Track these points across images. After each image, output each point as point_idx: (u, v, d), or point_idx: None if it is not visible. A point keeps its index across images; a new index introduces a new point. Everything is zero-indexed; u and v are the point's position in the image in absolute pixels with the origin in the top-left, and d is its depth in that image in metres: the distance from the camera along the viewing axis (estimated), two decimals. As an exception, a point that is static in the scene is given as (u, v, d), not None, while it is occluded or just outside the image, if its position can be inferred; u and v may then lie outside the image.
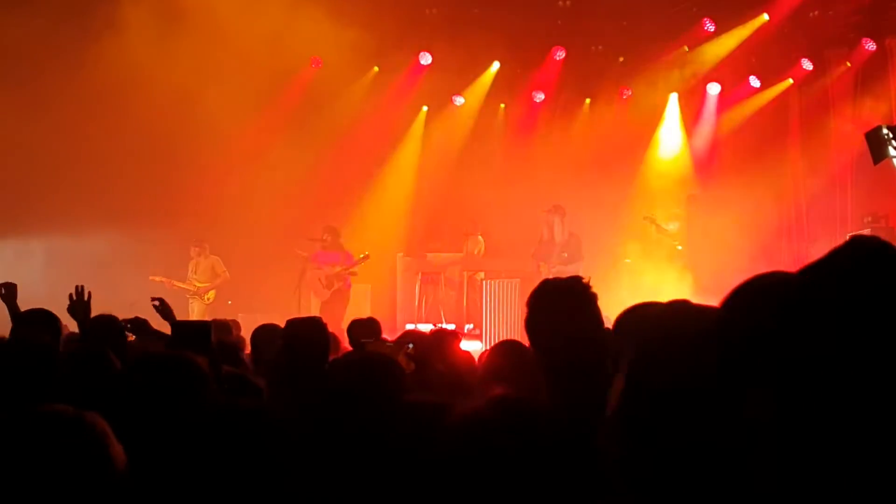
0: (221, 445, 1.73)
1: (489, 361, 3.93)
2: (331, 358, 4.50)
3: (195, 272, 13.49)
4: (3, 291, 5.67)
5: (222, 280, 13.51)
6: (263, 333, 5.51)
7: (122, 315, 5.08)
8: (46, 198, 12.99)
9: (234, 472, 1.71)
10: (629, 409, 1.93)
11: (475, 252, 13.83)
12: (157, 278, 13.25)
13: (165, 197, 13.40)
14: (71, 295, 5.14)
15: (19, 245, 13.69)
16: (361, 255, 12.91)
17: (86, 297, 5.13)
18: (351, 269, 12.97)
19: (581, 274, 3.24)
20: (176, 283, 13.37)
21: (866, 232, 11.80)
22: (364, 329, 5.84)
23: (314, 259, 13.07)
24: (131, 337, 5.11)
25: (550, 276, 11.88)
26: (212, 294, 13.44)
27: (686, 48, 14.38)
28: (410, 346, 4.12)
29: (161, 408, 2.39)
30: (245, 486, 1.71)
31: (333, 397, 2.79)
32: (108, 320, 4.81)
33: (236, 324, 7.41)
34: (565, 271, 11.54)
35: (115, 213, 13.18)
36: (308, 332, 4.49)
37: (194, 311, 13.32)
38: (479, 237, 13.84)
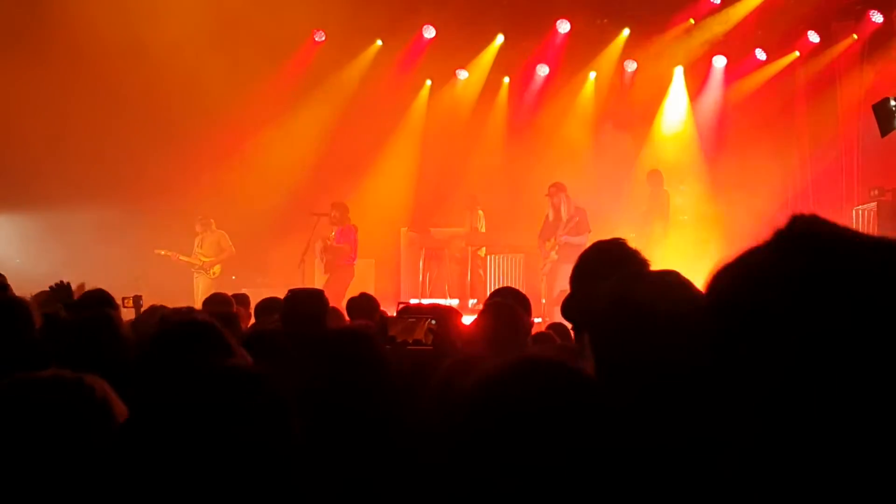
0: (219, 409, 1.71)
1: (477, 323, 3.93)
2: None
3: (201, 247, 13.50)
4: None
5: (228, 255, 13.51)
6: (266, 306, 5.54)
7: (127, 288, 5.10)
8: (49, 171, 12.97)
9: (231, 437, 1.69)
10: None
11: (476, 227, 13.79)
12: (163, 251, 13.28)
13: (169, 171, 13.38)
14: (52, 287, 5.45)
15: (22, 219, 13.70)
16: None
17: (65, 284, 5.49)
18: (339, 244, 12.79)
19: (587, 246, 3.19)
20: (181, 256, 13.39)
21: (872, 206, 11.75)
22: (360, 306, 5.80)
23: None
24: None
25: (556, 249, 11.70)
26: (217, 268, 13.45)
27: (692, 20, 14.27)
28: (433, 321, 4.11)
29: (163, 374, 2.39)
30: (241, 451, 1.70)
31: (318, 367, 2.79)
32: (98, 294, 4.90)
33: (246, 298, 7.38)
34: (572, 243, 11.52)
35: (118, 186, 13.18)
36: (305, 302, 4.49)
37: (199, 286, 13.33)
38: (479, 211, 13.79)
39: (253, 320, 5.93)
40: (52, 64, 12.62)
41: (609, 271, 2.56)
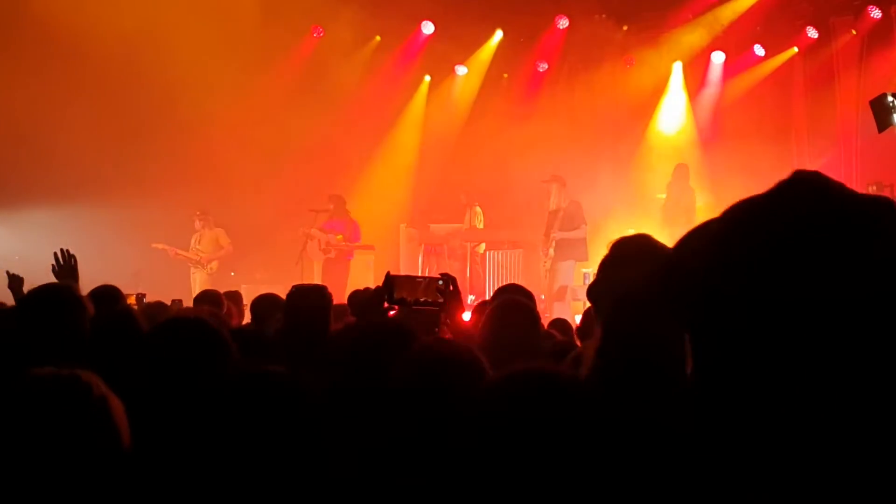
0: (249, 414, 1.71)
1: (488, 311, 3.92)
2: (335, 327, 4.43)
3: (199, 243, 13.48)
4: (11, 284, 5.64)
5: (226, 252, 13.49)
6: (263, 303, 5.47)
7: (123, 284, 5.05)
8: (44, 166, 12.95)
9: (262, 441, 1.69)
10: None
11: (475, 224, 13.79)
12: (160, 246, 13.27)
13: (166, 166, 13.37)
14: (56, 258, 4.91)
15: (18, 216, 13.67)
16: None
17: (72, 262, 4.93)
18: (352, 244, 12.96)
19: (583, 237, 3.16)
20: (179, 251, 13.37)
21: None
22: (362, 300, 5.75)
23: (321, 227, 13.05)
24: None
25: (551, 244, 11.57)
26: (215, 264, 13.43)
27: (690, 16, 14.25)
28: (441, 282, 4.10)
29: (182, 374, 2.38)
30: (273, 455, 1.69)
31: (340, 367, 2.76)
32: (108, 290, 4.65)
33: (238, 295, 7.37)
34: (567, 237, 11.50)
35: (116, 181, 13.16)
36: (311, 299, 4.41)
37: (197, 282, 13.31)
38: (477, 208, 13.78)
39: (248, 318, 5.88)
40: (46, 59, 12.59)
41: (643, 259, 2.49)
